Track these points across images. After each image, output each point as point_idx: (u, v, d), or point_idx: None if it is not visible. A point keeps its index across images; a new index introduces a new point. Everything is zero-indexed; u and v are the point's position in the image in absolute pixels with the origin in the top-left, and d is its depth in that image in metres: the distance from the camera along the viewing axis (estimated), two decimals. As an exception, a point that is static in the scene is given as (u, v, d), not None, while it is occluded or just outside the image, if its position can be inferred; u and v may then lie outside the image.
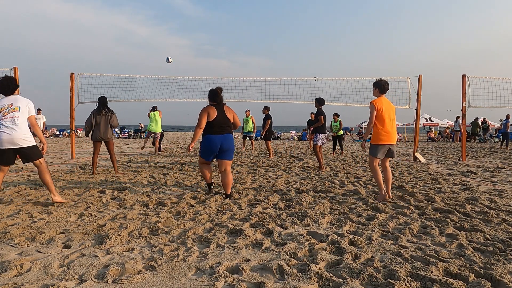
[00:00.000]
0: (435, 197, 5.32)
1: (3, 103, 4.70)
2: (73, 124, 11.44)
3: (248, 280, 2.56)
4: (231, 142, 5.41)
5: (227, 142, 5.34)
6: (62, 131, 32.19)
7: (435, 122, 30.76)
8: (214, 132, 5.29)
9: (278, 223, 4.03)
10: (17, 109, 4.66)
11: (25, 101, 4.77)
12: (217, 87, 5.54)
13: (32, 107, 4.80)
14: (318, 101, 8.92)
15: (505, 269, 2.71)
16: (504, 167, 9.44)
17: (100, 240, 3.40)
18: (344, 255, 3.00)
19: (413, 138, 12.86)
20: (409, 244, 3.32)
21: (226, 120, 5.36)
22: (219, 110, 5.35)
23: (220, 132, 5.31)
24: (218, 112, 5.32)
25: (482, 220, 4.14)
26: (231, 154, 5.46)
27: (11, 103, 4.67)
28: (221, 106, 5.41)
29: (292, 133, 34.06)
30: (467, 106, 11.29)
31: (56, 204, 4.77)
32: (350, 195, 5.65)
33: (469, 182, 7.02)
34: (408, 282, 2.48)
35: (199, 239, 3.45)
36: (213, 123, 5.28)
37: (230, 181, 5.41)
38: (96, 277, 2.60)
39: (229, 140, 5.37)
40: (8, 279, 2.55)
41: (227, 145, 5.34)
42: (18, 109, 4.67)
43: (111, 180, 6.95)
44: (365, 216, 4.35)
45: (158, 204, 4.97)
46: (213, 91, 5.46)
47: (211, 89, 5.49)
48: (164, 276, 2.63)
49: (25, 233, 3.50)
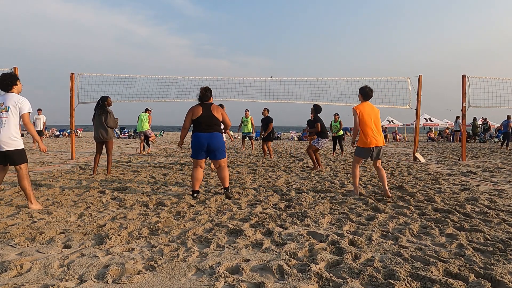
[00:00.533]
0: (435, 197, 5.32)
1: None
2: (73, 124, 11.44)
3: (248, 280, 2.56)
4: (219, 141, 5.35)
5: (214, 140, 5.29)
6: (62, 131, 32.20)
7: (435, 122, 30.75)
8: (200, 130, 5.31)
9: (278, 223, 4.03)
10: (6, 109, 4.47)
11: (17, 99, 4.53)
12: (204, 87, 5.50)
13: (25, 105, 4.55)
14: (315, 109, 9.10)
15: (505, 269, 2.71)
16: (504, 167, 9.44)
17: (100, 240, 3.39)
18: (344, 255, 3.00)
19: (413, 138, 12.86)
20: (409, 244, 3.32)
21: (213, 118, 5.32)
22: (204, 108, 5.34)
23: (206, 130, 5.29)
24: (204, 110, 5.32)
25: (482, 220, 4.14)
26: (222, 153, 5.42)
27: (2, 103, 4.51)
28: (207, 105, 5.39)
29: (292, 133, 34.05)
30: (467, 106, 11.30)
31: (56, 204, 4.78)
32: (350, 195, 5.65)
33: (469, 182, 7.02)
34: (408, 282, 2.48)
35: (199, 239, 3.45)
36: (199, 120, 5.29)
37: (226, 175, 5.46)
38: (96, 277, 2.60)
39: (216, 138, 5.31)
40: (8, 279, 2.55)
41: (214, 144, 5.29)
42: (7, 109, 4.47)
43: (111, 180, 6.95)
44: (365, 216, 4.35)
45: (158, 204, 4.97)
46: (200, 90, 5.45)
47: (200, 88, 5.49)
48: (164, 276, 2.63)
49: (25, 233, 3.50)
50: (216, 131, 5.36)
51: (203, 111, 5.31)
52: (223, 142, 5.47)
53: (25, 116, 4.58)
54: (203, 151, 5.34)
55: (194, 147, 5.38)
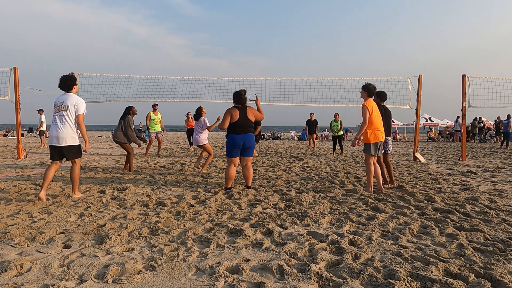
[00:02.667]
0: (435, 197, 5.32)
1: (58, 100, 5.03)
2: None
3: (248, 280, 2.56)
4: (252, 140, 5.91)
5: (248, 140, 5.85)
6: (62, 131, 32.16)
7: (435, 122, 30.78)
8: (236, 132, 5.80)
9: (278, 223, 4.03)
10: (65, 108, 4.95)
11: (75, 100, 5.00)
12: (240, 90, 5.94)
13: (81, 106, 5.01)
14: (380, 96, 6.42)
15: (505, 269, 2.70)
16: (504, 167, 9.44)
17: (100, 240, 3.39)
18: (344, 255, 3.00)
19: (413, 138, 12.86)
20: (409, 244, 3.32)
21: (247, 121, 5.84)
22: (241, 111, 5.83)
23: (242, 131, 5.81)
24: (241, 114, 5.81)
25: (482, 220, 4.14)
26: (252, 151, 6.02)
27: (62, 101, 4.98)
28: (244, 108, 5.88)
29: (292, 133, 34.06)
30: (467, 106, 11.30)
31: (56, 204, 4.78)
32: (350, 195, 5.65)
33: (469, 182, 7.02)
34: (408, 282, 2.48)
35: (199, 239, 3.45)
36: (236, 124, 5.80)
37: (250, 174, 6.06)
38: (96, 277, 2.60)
39: (250, 138, 5.87)
40: (8, 279, 2.54)
41: (248, 144, 5.86)
42: (66, 108, 4.95)
43: (111, 180, 6.95)
44: (365, 216, 4.35)
45: (158, 204, 4.97)
46: (237, 94, 5.92)
47: (235, 92, 5.95)
48: (164, 276, 2.63)
49: (25, 233, 3.50)
50: (250, 132, 5.90)
51: (240, 115, 5.80)
52: (254, 142, 6.00)
53: (80, 117, 5.04)
54: (238, 150, 5.89)
55: (230, 148, 5.89)
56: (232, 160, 5.92)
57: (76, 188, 5.23)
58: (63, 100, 5.00)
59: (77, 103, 5.00)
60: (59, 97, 5.08)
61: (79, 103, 5.00)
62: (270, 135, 32.14)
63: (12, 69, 10.96)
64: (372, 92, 5.86)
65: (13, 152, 13.00)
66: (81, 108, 5.02)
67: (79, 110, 5.00)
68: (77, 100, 5.01)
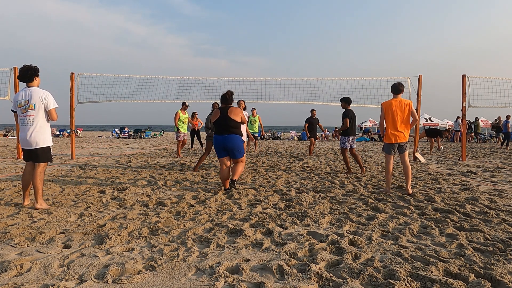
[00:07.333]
0: (435, 197, 5.32)
1: (20, 98, 4.51)
2: (73, 124, 11.43)
3: (248, 280, 2.56)
4: (233, 142, 5.74)
5: (229, 142, 5.72)
6: (62, 131, 32.18)
7: (435, 122, 30.77)
8: (216, 132, 5.82)
9: (278, 223, 4.03)
10: (32, 107, 4.48)
11: (40, 94, 4.51)
12: (227, 91, 5.92)
13: (49, 100, 4.53)
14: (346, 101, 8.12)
15: (505, 269, 2.70)
16: (504, 167, 9.44)
17: (100, 240, 3.39)
18: (344, 255, 3.00)
19: (413, 138, 12.86)
20: (409, 244, 3.32)
21: (228, 120, 5.71)
22: (223, 111, 5.76)
23: (221, 132, 5.74)
24: (221, 113, 5.75)
25: (482, 220, 4.14)
26: (238, 153, 5.85)
27: (27, 100, 4.49)
28: (226, 108, 5.80)
29: (292, 133, 34.04)
30: (467, 106, 11.30)
31: (56, 204, 4.78)
32: (350, 195, 5.65)
33: (469, 182, 7.02)
34: (408, 282, 2.48)
35: (199, 239, 3.44)
36: (215, 123, 5.79)
37: (238, 169, 5.91)
38: (96, 277, 2.59)
39: (230, 140, 5.72)
40: (8, 279, 2.54)
41: (229, 145, 5.73)
42: (33, 107, 4.48)
43: (111, 180, 6.95)
44: (365, 216, 4.35)
45: (158, 204, 4.97)
46: (222, 95, 5.90)
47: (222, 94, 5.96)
48: (164, 276, 2.63)
49: (25, 233, 3.50)
50: (231, 133, 5.74)
51: (220, 115, 5.74)
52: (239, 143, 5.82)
53: (53, 112, 4.59)
54: (221, 151, 5.82)
55: (215, 147, 5.89)
56: (221, 160, 5.89)
57: (39, 197, 4.55)
58: (28, 98, 4.48)
59: (44, 97, 4.50)
60: (21, 93, 4.55)
61: (45, 97, 4.51)
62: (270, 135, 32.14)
63: (12, 69, 10.96)
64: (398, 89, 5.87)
65: (13, 152, 13.01)
66: (51, 102, 4.54)
67: (49, 105, 4.52)
68: (43, 94, 4.51)
